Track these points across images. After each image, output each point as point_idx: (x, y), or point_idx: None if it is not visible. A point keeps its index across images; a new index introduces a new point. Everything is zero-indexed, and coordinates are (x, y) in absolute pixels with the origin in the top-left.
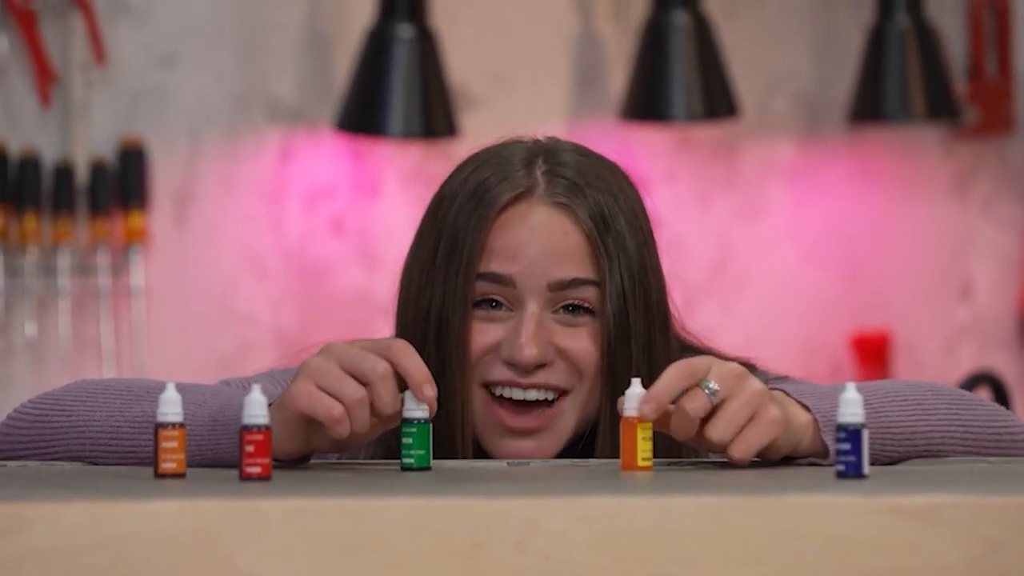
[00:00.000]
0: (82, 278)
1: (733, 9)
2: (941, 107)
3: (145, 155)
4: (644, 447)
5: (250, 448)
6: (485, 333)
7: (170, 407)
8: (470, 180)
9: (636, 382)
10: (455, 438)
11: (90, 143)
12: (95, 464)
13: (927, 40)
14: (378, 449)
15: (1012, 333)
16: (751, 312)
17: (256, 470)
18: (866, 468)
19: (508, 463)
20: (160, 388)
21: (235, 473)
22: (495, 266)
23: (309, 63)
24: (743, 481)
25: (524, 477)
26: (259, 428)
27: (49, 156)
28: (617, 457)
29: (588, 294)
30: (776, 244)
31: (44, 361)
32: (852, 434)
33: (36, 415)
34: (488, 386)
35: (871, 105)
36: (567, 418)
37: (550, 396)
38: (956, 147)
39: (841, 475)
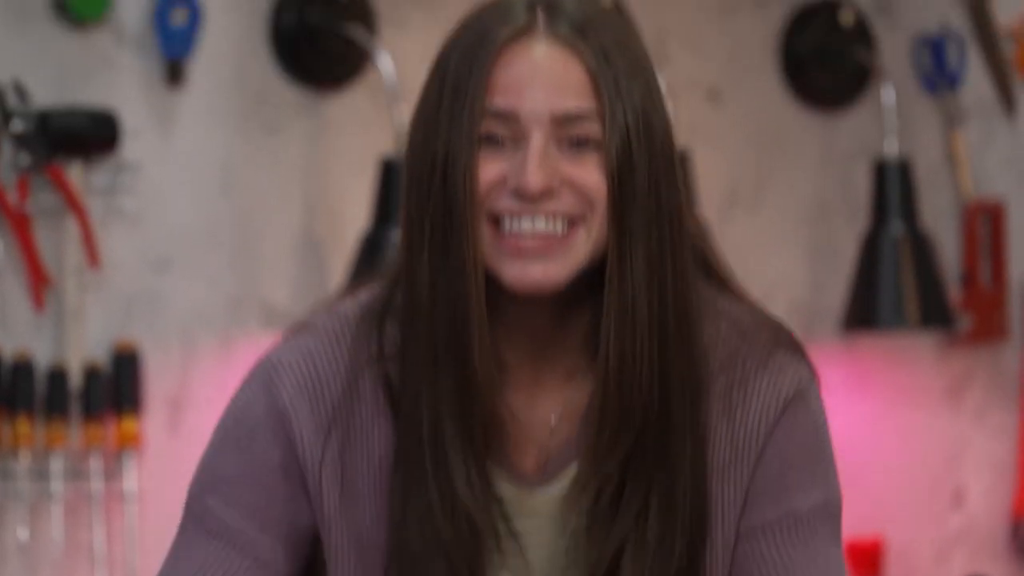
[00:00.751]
0: (75, 483)
1: (727, 216)
2: (935, 315)
3: (139, 359)
4: None
5: None
6: (491, 167)
7: None
8: (470, 28)
9: None
10: (466, 274)
11: (83, 347)
12: None
13: (921, 248)
14: None
15: (1004, 541)
16: None
17: None
18: None
19: None
20: None
21: None
22: (498, 101)
23: (303, 268)
24: None
25: None
26: None
27: (42, 360)
28: (624, 288)
29: (592, 128)
30: None
31: (36, 566)
32: None
33: None
34: (496, 220)
35: (865, 313)
36: (580, 247)
37: (559, 227)
38: (949, 355)
39: None
